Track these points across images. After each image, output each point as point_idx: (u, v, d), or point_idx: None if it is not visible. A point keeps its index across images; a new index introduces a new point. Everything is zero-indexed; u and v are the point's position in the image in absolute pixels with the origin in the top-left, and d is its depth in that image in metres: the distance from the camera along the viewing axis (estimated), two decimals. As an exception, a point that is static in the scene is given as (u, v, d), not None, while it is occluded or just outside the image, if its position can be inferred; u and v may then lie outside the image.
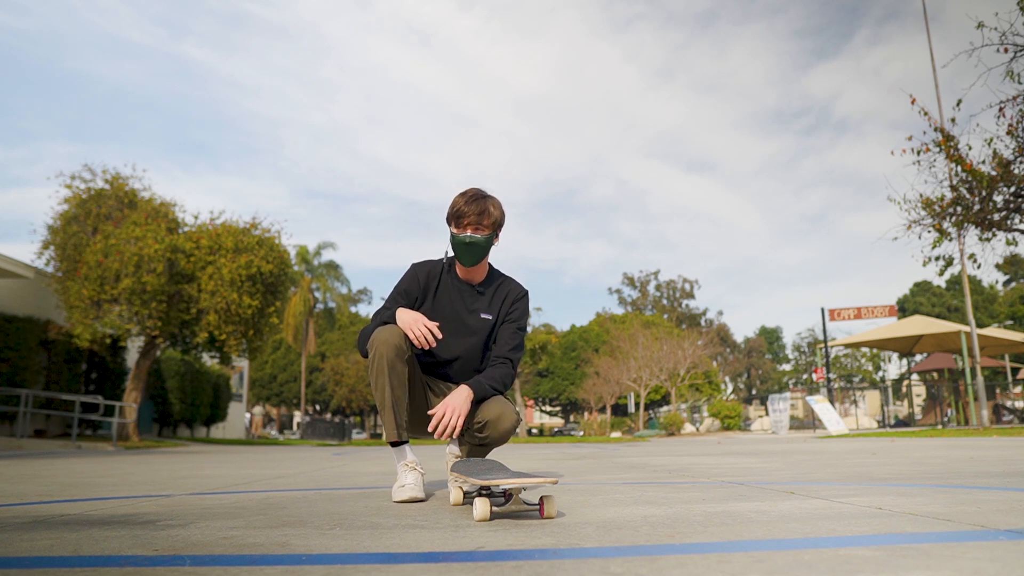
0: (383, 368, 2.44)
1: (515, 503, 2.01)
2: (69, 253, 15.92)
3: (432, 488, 3.01)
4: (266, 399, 53.41)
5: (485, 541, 1.53)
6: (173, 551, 1.48)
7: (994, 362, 25.98)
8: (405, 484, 2.49)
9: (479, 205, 2.60)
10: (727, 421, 28.35)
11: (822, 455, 5.75)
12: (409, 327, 2.46)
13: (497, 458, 3.14)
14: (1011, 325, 48.66)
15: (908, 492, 2.42)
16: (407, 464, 2.54)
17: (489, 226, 2.62)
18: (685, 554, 1.33)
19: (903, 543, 1.38)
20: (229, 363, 18.25)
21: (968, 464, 3.95)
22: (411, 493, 2.45)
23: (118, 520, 2.06)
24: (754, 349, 76.36)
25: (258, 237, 17.02)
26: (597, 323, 53.01)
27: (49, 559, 1.42)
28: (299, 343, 42.41)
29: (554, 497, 2.00)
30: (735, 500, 2.29)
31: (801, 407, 32.91)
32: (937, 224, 13.00)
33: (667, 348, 32.54)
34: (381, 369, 2.44)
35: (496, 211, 2.64)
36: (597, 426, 34.91)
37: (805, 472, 3.70)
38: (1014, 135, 11.96)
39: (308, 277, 43.18)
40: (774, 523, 1.72)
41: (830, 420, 18.54)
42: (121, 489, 3.34)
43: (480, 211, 2.59)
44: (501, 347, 2.68)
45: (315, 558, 1.37)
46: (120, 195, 16.72)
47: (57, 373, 16.57)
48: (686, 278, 69.95)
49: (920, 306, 60.23)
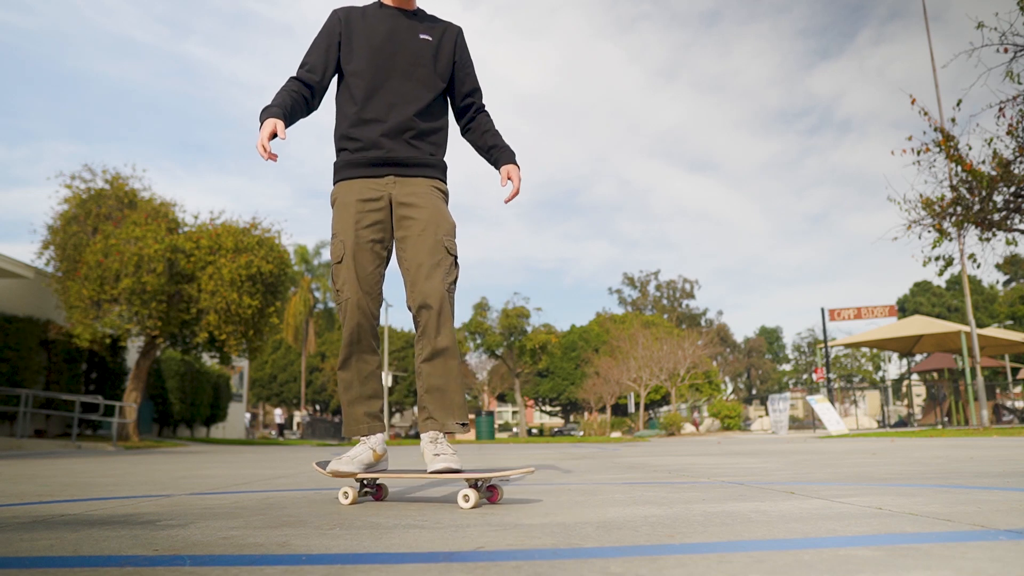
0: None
1: (481, 492, 2.33)
2: (69, 253, 15.91)
3: (432, 487, 3.00)
4: (267, 399, 53.41)
5: (485, 541, 1.53)
6: (173, 551, 1.48)
7: (994, 362, 25.98)
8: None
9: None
10: (727, 421, 28.35)
11: (822, 455, 5.74)
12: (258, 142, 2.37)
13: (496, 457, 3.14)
14: (1011, 325, 48.71)
15: (908, 492, 2.42)
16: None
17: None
18: (685, 554, 1.33)
19: (903, 543, 1.38)
20: (229, 363, 18.25)
21: (968, 464, 3.95)
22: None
23: (118, 520, 2.06)
24: (754, 349, 76.38)
25: (258, 237, 17.02)
26: (597, 323, 53.00)
27: (49, 559, 1.42)
28: (299, 343, 42.46)
29: (502, 487, 2.38)
30: (735, 500, 2.29)
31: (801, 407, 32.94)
32: (937, 224, 13.00)
33: (667, 348, 32.54)
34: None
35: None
36: (597, 426, 34.90)
37: (805, 472, 3.70)
38: (1014, 135, 11.96)
39: (308, 277, 43.21)
40: (774, 523, 1.72)
41: (830, 420, 18.54)
42: (121, 489, 3.34)
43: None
44: (475, 95, 2.76)
45: (315, 558, 1.37)
46: (120, 195, 16.72)
47: (57, 373, 16.56)
48: (686, 278, 70.04)
49: (920, 306, 60.23)
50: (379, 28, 2.60)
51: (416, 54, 2.59)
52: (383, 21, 2.62)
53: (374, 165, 2.53)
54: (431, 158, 2.58)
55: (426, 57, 2.61)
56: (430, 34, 2.64)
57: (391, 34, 2.60)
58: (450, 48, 2.67)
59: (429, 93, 2.60)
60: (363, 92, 2.56)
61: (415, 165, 2.54)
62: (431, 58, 2.62)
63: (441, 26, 2.70)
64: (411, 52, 2.59)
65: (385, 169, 2.53)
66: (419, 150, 2.56)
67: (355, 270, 2.47)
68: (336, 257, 2.51)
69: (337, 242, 2.51)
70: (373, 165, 2.53)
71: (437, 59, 2.63)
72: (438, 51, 2.64)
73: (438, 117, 2.65)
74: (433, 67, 2.62)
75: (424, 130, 2.57)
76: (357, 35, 2.61)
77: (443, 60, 2.65)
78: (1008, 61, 11.81)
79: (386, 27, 2.60)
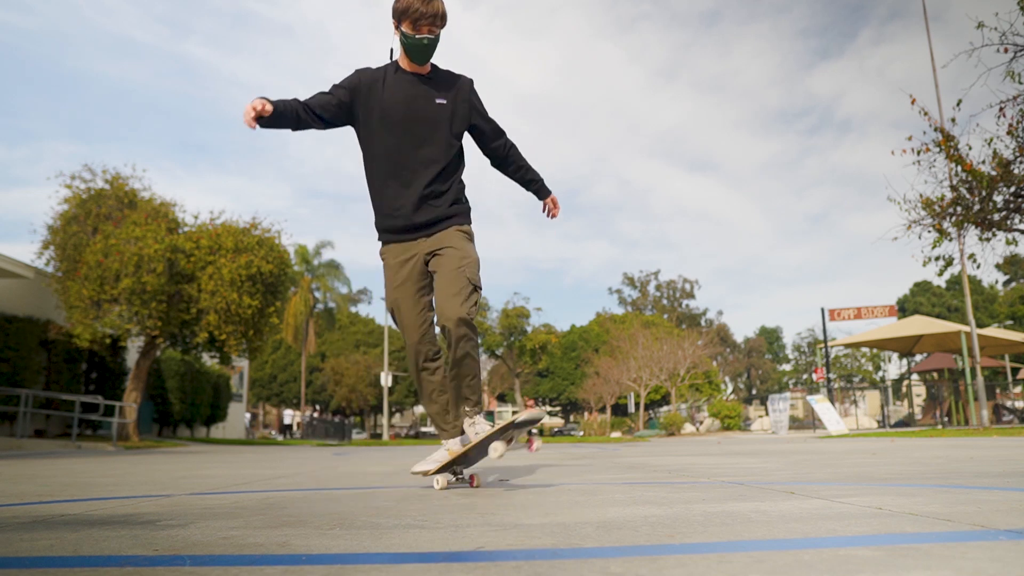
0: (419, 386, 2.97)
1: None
2: (69, 253, 15.92)
3: (428, 487, 3.00)
4: (267, 399, 53.41)
5: (485, 541, 1.53)
6: (173, 551, 1.48)
7: (994, 362, 25.98)
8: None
9: (434, 6, 2.61)
10: (727, 421, 28.34)
11: (822, 455, 5.74)
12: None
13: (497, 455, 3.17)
14: (1011, 325, 48.70)
15: (908, 492, 2.42)
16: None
17: (442, 24, 2.66)
18: (685, 554, 1.33)
19: (903, 543, 1.38)
20: (229, 363, 18.26)
21: (968, 464, 3.95)
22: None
23: (118, 520, 2.06)
24: (754, 349, 76.38)
25: (258, 237, 17.02)
26: (597, 323, 53.00)
27: (49, 559, 1.42)
28: (299, 343, 42.44)
29: (481, 474, 2.73)
30: (735, 500, 2.29)
31: (801, 407, 32.92)
32: (937, 224, 12.99)
33: (667, 348, 32.52)
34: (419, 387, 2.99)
35: (444, 7, 2.67)
36: (597, 426, 34.88)
37: (805, 472, 3.70)
38: (1014, 135, 11.95)
39: (308, 277, 43.19)
40: (774, 523, 1.72)
41: (830, 420, 18.53)
42: (121, 489, 3.34)
43: (434, 12, 2.62)
44: (500, 139, 2.98)
45: (315, 558, 1.37)
46: (120, 195, 16.73)
47: (57, 373, 16.56)
48: (686, 278, 70.04)
49: (920, 306, 60.22)
50: (397, 98, 2.77)
51: (433, 121, 2.78)
52: (402, 89, 2.78)
53: (404, 231, 2.87)
54: (451, 209, 2.84)
55: (443, 122, 2.80)
56: (445, 97, 2.80)
57: (410, 103, 2.77)
58: (465, 110, 2.85)
59: (445, 156, 2.82)
60: (386, 163, 2.81)
61: (439, 221, 2.84)
62: (447, 122, 2.81)
63: (456, 86, 2.84)
64: (428, 120, 2.78)
65: (414, 233, 2.86)
66: (441, 208, 2.82)
67: (403, 318, 2.89)
68: (388, 307, 2.98)
69: (388, 295, 2.95)
70: (403, 231, 2.87)
71: (453, 122, 2.82)
72: (453, 114, 2.82)
73: (455, 170, 2.89)
74: (449, 129, 2.81)
75: (443, 190, 2.83)
76: (377, 103, 2.78)
77: (458, 122, 2.85)
78: (1008, 61, 11.80)
79: (404, 96, 2.77)
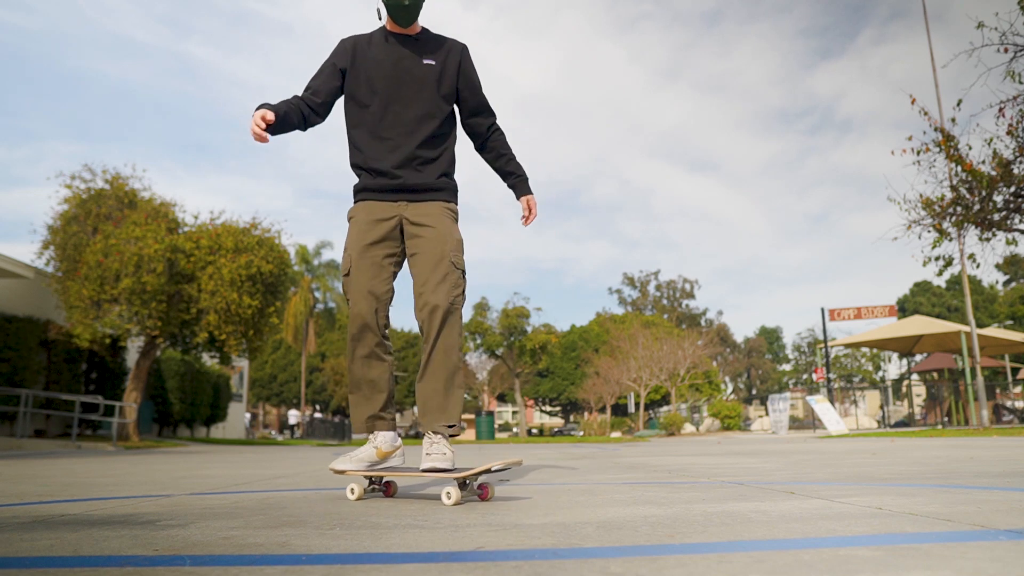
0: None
1: (469, 491, 2.40)
2: (69, 253, 15.91)
3: (432, 485, 3.00)
4: (267, 399, 53.40)
5: (485, 541, 1.53)
6: (173, 551, 1.48)
7: (994, 362, 25.96)
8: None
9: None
10: (727, 421, 28.34)
11: (822, 455, 5.74)
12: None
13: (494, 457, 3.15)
14: (1011, 325, 48.69)
15: (908, 492, 2.42)
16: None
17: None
18: (685, 554, 1.33)
19: (903, 543, 1.38)
20: (229, 363, 18.24)
21: (968, 464, 3.95)
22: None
23: (118, 520, 2.06)
24: (754, 349, 76.36)
25: (258, 237, 17.01)
26: (597, 323, 52.99)
27: (49, 559, 1.42)
28: (299, 343, 42.41)
29: (493, 486, 2.45)
30: (735, 500, 2.29)
31: (801, 407, 32.93)
32: (937, 224, 13.00)
33: (667, 348, 32.52)
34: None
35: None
36: (597, 426, 34.89)
37: (805, 472, 3.69)
38: (1014, 135, 11.95)
39: (308, 277, 43.18)
40: (774, 523, 1.72)
41: (830, 420, 18.53)
42: (121, 489, 3.34)
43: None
44: (483, 115, 2.82)
45: (315, 558, 1.37)
46: (120, 195, 16.71)
47: (57, 373, 16.56)
48: (686, 278, 70.01)
49: (920, 306, 60.20)
50: (385, 58, 2.68)
51: (421, 80, 2.67)
52: (388, 50, 2.69)
53: (387, 191, 2.65)
54: (440, 181, 2.68)
55: (430, 82, 2.68)
56: (434, 58, 2.70)
57: (396, 63, 2.67)
58: (453, 69, 2.73)
59: (435, 119, 2.68)
60: (372, 124, 2.66)
61: (425, 190, 2.66)
62: (435, 82, 2.68)
63: (445, 47, 2.75)
64: (416, 79, 2.66)
65: (397, 195, 2.65)
66: (428, 175, 2.66)
67: (362, 284, 2.58)
68: (344, 270, 2.64)
69: (346, 256, 2.64)
70: (386, 191, 2.65)
71: (441, 82, 2.70)
72: (442, 74, 2.70)
73: (445, 139, 2.73)
74: (437, 90, 2.69)
75: (431, 156, 2.67)
76: (364, 65, 2.68)
77: (447, 82, 2.72)
78: (1008, 61, 11.80)
79: (391, 57, 2.68)
